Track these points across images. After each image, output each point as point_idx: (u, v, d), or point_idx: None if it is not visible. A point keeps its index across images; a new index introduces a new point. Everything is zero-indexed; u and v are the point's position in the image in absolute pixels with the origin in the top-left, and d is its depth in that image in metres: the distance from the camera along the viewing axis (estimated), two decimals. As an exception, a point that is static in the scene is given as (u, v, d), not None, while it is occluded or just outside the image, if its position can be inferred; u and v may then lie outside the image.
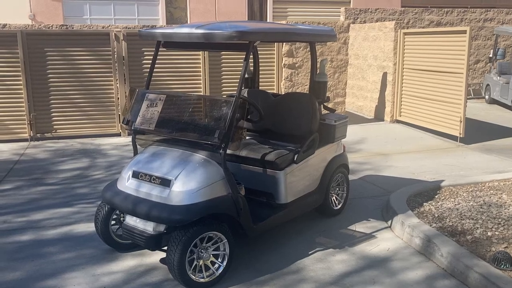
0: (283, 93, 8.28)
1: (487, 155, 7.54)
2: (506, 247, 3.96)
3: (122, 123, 4.23)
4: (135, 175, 3.86)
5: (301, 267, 3.97)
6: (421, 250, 4.22)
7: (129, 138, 8.72)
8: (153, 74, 8.75)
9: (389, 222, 4.82)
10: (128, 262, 4.05)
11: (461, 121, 8.20)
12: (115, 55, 8.65)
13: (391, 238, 4.53)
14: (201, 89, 8.99)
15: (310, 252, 4.22)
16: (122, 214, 4.13)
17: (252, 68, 5.37)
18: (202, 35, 3.69)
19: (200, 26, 3.80)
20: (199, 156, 3.76)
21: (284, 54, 9.39)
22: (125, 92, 8.77)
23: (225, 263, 3.72)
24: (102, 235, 4.12)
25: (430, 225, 4.45)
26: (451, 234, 4.26)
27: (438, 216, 4.67)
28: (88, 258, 4.12)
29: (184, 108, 3.98)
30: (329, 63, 9.66)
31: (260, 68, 9.24)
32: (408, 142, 8.51)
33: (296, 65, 9.43)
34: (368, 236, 4.56)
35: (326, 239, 4.50)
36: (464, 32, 8.03)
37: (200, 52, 8.89)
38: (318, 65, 5.00)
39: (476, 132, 9.15)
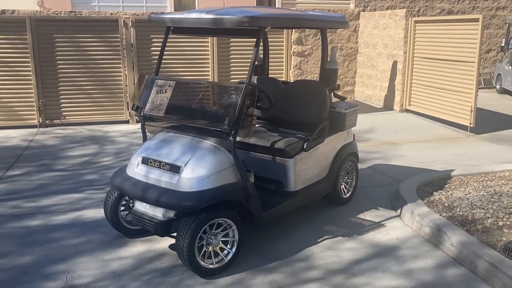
0: (292, 81, 8.24)
1: (497, 145, 7.46)
2: (517, 237, 3.92)
3: (131, 109, 4.22)
4: (145, 161, 3.85)
5: (310, 254, 3.97)
6: (430, 239, 4.19)
7: (138, 125, 8.73)
8: (156, 60, 8.69)
9: (399, 211, 4.79)
10: (137, 248, 4.06)
11: (471, 111, 8.11)
12: (124, 42, 8.62)
13: (400, 226, 4.50)
14: (209, 76, 8.95)
15: (319, 240, 4.21)
16: (131, 200, 4.14)
17: (261, 55, 5.33)
18: (212, 20, 3.65)
19: (209, 11, 3.76)
20: (209, 142, 3.74)
21: (293, 42, 9.31)
22: (134, 79, 8.76)
23: (234, 249, 3.72)
24: (111, 221, 4.13)
25: (440, 214, 4.42)
26: (461, 223, 4.23)
27: (448, 205, 4.64)
28: (97, 244, 4.14)
29: (193, 94, 3.95)
30: (339, 51, 9.57)
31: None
32: (418, 131, 8.44)
33: (306, 53, 9.35)
34: (377, 225, 4.54)
35: (335, 227, 4.48)
36: (477, 20, 7.91)
37: (209, 38, 8.84)
38: (328, 53, 4.94)
39: (487, 122, 9.05)
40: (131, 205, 4.15)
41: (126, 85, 8.78)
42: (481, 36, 7.89)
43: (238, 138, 3.91)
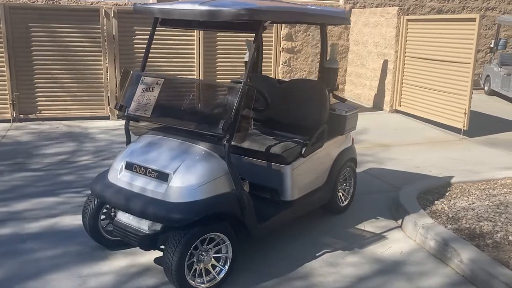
0: (281, 78, 7.92)
1: (492, 149, 7.27)
2: (530, 253, 3.67)
3: (115, 108, 3.83)
4: (129, 166, 3.47)
5: (309, 271, 3.64)
6: (436, 253, 3.91)
7: (119, 122, 8.28)
8: (138, 53, 8.30)
9: (399, 221, 4.51)
10: (119, 262, 3.68)
11: (465, 113, 7.91)
12: (105, 33, 8.15)
13: (403, 239, 4.22)
14: (195, 72, 8.54)
15: (317, 254, 3.89)
16: (113, 209, 3.75)
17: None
18: (207, 12, 3.29)
19: (203, 2, 3.39)
20: (200, 148, 3.38)
21: (282, 38, 8.97)
22: (116, 73, 8.30)
23: (227, 266, 3.37)
24: (90, 231, 3.74)
25: (445, 227, 4.14)
26: (469, 237, 3.96)
27: (453, 216, 4.37)
28: (75, 257, 3.74)
29: (184, 94, 3.59)
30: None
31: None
32: (409, 133, 8.20)
33: (295, 50, 9.02)
34: (378, 237, 4.25)
35: (333, 239, 4.17)
36: (474, 20, 7.69)
37: (195, 32, 8.43)
38: (328, 51, 4.62)
39: (479, 125, 8.87)
40: (112, 214, 3.76)
41: (107, 79, 8.32)
42: (477, 37, 7.67)
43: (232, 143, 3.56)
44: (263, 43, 8.81)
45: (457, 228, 4.12)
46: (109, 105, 8.41)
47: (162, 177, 3.28)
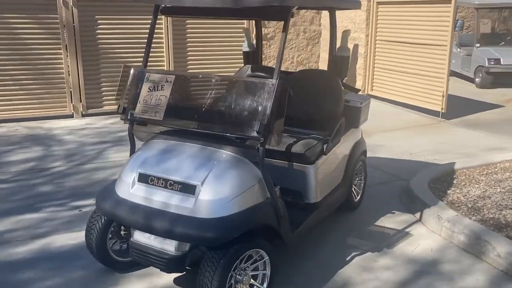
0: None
1: (473, 131, 7.29)
2: None
3: (117, 112, 3.33)
4: (143, 178, 3.02)
5: (346, 279, 3.36)
6: (467, 248, 3.74)
7: (84, 120, 7.62)
8: (102, 45, 7.65)
9: (417, 214, 4.32)
10: (135, 287, 3.23)
11: (443, 96, 7.90)
12: (64, 24, 7.42)
13: (427, 234, 4.03)
14: (164, 64, 7.99)
15: (347, 259, 3.62)
16: (122, 227, 3.28)
17: (254, 41, 4.58)
18: (231, -3, 2.87)
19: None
20: (228, 153, 2.98)
21: (254, 24, 8.56)
22: (77, 67, 7.59)
23: (265, 285, 3.02)
24: (97, 253, 3.26)
25: (470, 218, 3.99)
26: (496, 228, 3.83)
27: (472, 206, 4.23)
28: (81, 285, 3.25)
29: (202, 92, 3.15)
30: (302, 34, 8.99)
31: (225, 39, 8.38)
32: (387, 118, 8.10)
33: (268, 36, 8.67)
34: (402, 234, 4.03)
35: (358, 240, 3.92)
36: (449, 1, 7.63)
37: (163, 20, 7.85)
38: (339, 38, 4.31)
39: (450, 107, 8.92)
40: (123, 232, 3.29)
41: (69, 74, 7.60)
42: (453, 19, 7.63)
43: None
44: (234, 30, 8.38)
45: (481, 219, 3.98)
46: (72, 102, 7.71)
47: (188, 189, 2.86)
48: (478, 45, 11.34)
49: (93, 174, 5.31)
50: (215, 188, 2.83)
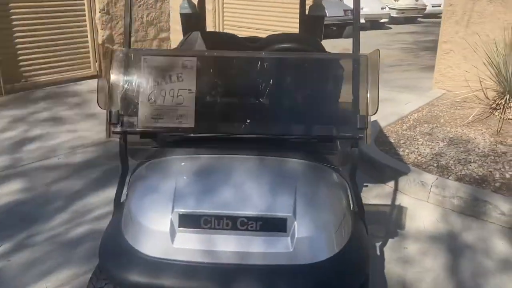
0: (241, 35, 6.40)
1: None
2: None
3: (111, 122, 2.07)
4: (191, 222, 1.94)
5: (391, 272, 2.94)
6: (464, 211, 3.67)
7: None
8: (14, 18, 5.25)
9: (390, 183, 4.10)
10: None
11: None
12: None
13: (417, 203, 3.83)
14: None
15: (378, 253, 3.18)
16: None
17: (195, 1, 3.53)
18: None
19: None
20: (308, 163, 2.14)
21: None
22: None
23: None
24: None
25: (449, 179, 3.94)
26: (478, 185, 3.85)
27: (438, 165, 4.18)
28: None
29: (251, 78, 2.17)
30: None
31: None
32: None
33: (114, -8, 7.18)
34: (398, 210, 3.76)
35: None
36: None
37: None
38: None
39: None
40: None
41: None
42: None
43: None
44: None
45: (459, 178, 3.96)
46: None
47: (275, 225, 1.94)
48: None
49: None
50: (315, 217, 1.98)
